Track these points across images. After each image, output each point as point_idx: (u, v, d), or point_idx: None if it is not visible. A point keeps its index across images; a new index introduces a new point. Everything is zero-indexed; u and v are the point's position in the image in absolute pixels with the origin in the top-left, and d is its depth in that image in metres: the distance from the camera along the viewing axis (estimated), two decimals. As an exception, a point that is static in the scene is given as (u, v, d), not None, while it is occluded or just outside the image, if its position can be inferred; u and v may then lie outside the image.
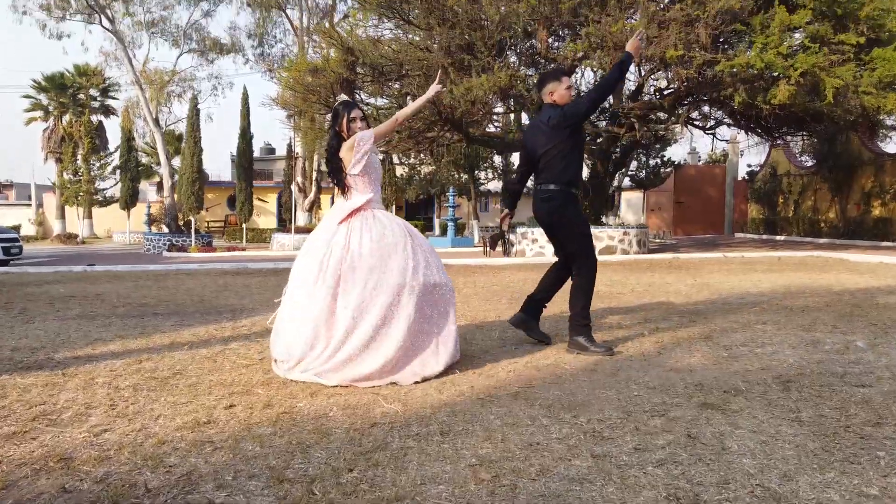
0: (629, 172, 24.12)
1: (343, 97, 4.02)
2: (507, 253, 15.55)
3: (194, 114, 21.20)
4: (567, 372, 3.54)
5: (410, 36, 12.95)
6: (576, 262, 4.14)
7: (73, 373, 3.75)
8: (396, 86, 12.80)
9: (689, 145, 31.57)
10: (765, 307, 5.72)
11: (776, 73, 10.01)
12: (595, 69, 11.34)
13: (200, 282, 9.54)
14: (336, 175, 3.79)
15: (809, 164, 20.55)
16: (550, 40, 12.12)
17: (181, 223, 23.03)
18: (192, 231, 20.84)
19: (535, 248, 14.62)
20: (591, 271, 4.10)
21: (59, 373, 3.75)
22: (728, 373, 3.42)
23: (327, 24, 19.66)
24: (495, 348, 4.23)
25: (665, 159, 24.40)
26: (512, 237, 15.32)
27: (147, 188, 41.17)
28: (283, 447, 2.47)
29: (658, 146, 23.88)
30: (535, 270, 10.45)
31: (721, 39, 11.45)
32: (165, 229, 23.78)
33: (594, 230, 14.59)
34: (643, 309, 5.79)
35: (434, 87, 3.70)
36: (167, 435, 2.63)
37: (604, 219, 16.75)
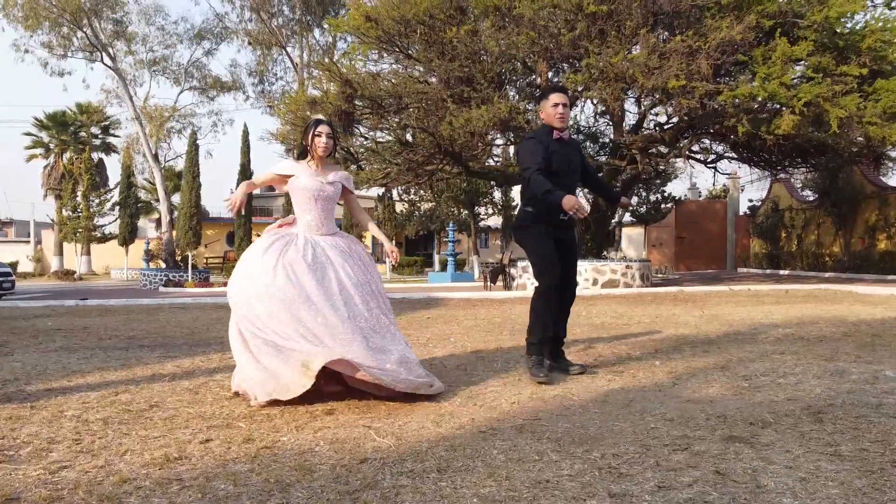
0: (630, 208, 23.98)
1: (318, 116, 4.09)
2: (507, 287, 15.31)
3: (193, 149, 21.17)
4: (576, 403, 3.26)
5: (409, 70, 12.92)
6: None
7: (42, 405, 3.47)
8: (396, 119, 12.71)
9: (689, 181, 31.47)
10: (780, 337, 5.45)
11: (780, 103, 9.90)
12: (595, 101, 11.26)
13: (193, 315, 9.27)
14: None
15: (811, 198, 20.42)
16: (550, 73, 12.07)
17: (178, 259, 22.80)
18: (189, 266, 20.60)
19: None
20: (538, 294, 4.03)
21: (28, 405, 3.47)
22: (752, 404, 3.15)
23: (327, 60, 19.76)
24: (497, 379, 3.96)
25: (666, 195, 24.30)
26: (513, 271, 15.07)
27: (147, 225, 41.11)
28: (260, 486, 2.19)
29: (658, 181, 23.79)
30: (537, 304, 10.19)
31: (722, 72, 11.39)
32: (164, 265, 23.56)
33: (597, 264, 14.34)
34: (652, 340, 5.52)
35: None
36: (132, 472, 2.35)
37: (605, 253, 16.54)
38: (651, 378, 3.84)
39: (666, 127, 14.05)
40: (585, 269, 14.07)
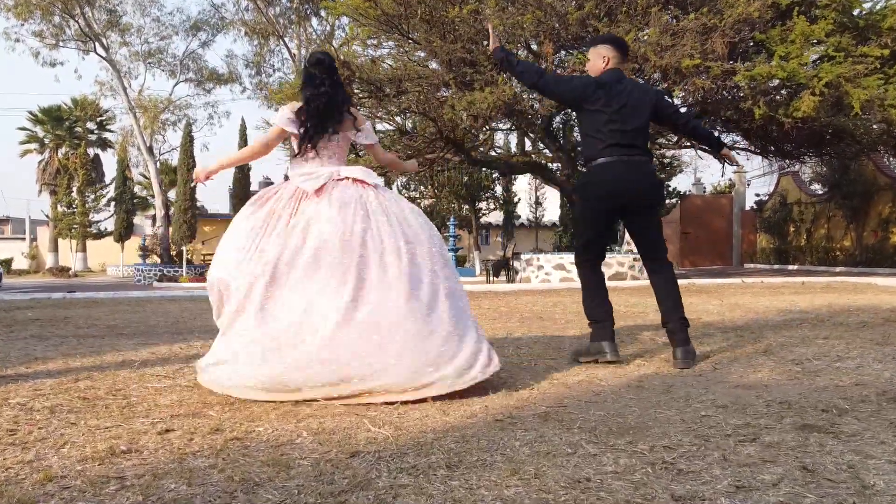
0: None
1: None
2: (511, 280, 14.85)
3: (188, 141, 20.67)
4: (606, 389, 2.79)
5: (409, 53, 12.43)
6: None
7: (-14, 393, 3.00)
8: (395, 104, 12.21)
9: (693, 176, 31.05)
10: (816, 323, 4.97)
11: (799, 83, 9.42)
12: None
13: (182, 306, 8.81)
14: (327, 132, 3.06)
15: (821, 191, 19.94)
16: (557, 56, 11.57)
17: (174, 254, 22.31)
18: (184, 261, 20.10)
19: (541, 276, 13.89)
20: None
21: (-30, 393, 3.00)
22: (815, 389, 2.68)
23: (326, 46, 19.22)
24: (511, 365, 3.49)
25: (670, 189, 23.85)
26: (516, 264, 14.61)
27: (143, 222, 40.60)
28: (221, 486, 1.71)
29: (663, 176, 23.32)
30: (541, 295, 9.71)
31: (737, 53, 10.90)
32: (159, 260, 23.10)
33: (603, 256, 13.90)
34: (675, 326, 5.04)
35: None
36: (64, 468, 1.87)
37: (609, 248, 16.09)
38: (686, 363, 3.36)
39: (673, 93, 13.55)
40: (591, 262, 13.63)
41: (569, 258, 13.75)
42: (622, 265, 13.75)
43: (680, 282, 11.45)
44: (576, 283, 12.82)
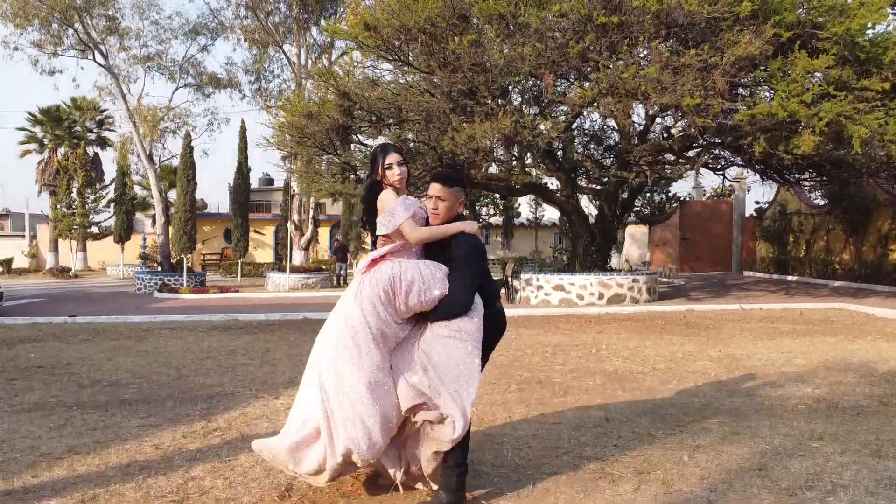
0: (634, 208, 23.57)
1: (382, 139, 3.62)
2: (510, 299, 14.91)
3: (188, 151, 20.65)
4: (602, 542, 2.85)
5: (410, 78, 12.43)
6: None
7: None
8: (396, 130, 12.23)
9: (693, 180, 31.00)
10: (811, 404, 5.04)
11: (799, 121, 9.43)
12: (604, 115, 10.80)
13: (184, 342, 8.93)
14: (371, 225, 3.45)
15: (821, 203, 19.98)
16: (557, 85, 11.57)
17: (174, 261, 22.35)
18: (184, 270, 20.16)
19: (541, 296, 13.96)
20: None
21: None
22: (806, 550, 2.73)
23: (325, 62, 19.19)
24: (508, 481, 3.54)
25: (670, 195, 23.89)
26: (515, 283, 14.66)
27: (144, 219, 40.59)
28: None
29: (664, 182, 23.37)
30: (541, 329, 9.77)
31: (738, 87, 10.91)
32: (159, 268, 23.15)
33: (603, 278, 13.88)
34: (672, 405, 5.10)
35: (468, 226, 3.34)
36: None
37: (609, 258, 16.15)
38: (682, 486, 3.42)
39: (672, 131, 13.58)
40: (591, 283, 13.65)
41: (568, 278, 13.82)
42: (621, 286, 13.78)
43: (677, 308, 11.45)
44: (574, 308, 12.79)
